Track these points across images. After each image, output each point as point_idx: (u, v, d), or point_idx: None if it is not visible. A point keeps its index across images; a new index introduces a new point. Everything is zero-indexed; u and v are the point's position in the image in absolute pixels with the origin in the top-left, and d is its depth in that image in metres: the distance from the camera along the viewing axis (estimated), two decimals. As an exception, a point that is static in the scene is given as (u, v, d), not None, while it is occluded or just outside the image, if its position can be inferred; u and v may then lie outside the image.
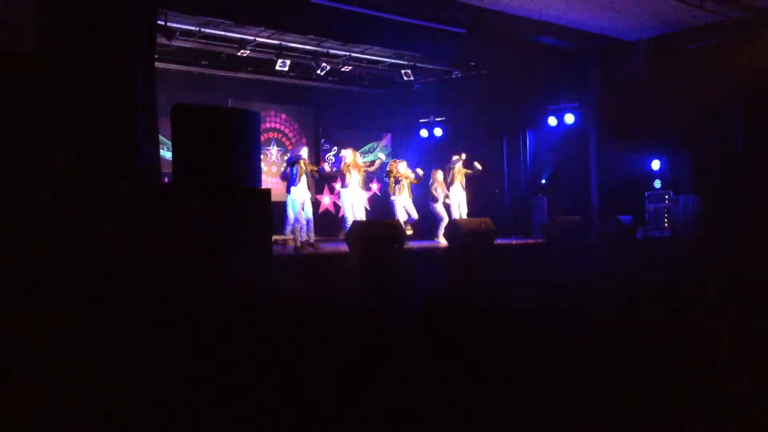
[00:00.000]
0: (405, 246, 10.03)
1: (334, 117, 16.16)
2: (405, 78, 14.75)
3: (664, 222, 13.13)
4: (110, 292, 5.26)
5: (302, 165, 10.52)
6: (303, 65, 14.08)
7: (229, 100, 14.08)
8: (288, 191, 10.45)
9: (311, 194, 10.61)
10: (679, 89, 12.38)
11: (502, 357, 3.61)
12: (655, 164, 13.62)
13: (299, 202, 10.40)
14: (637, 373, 3.25)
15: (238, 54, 13.03)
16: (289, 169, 10.56)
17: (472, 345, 3.95)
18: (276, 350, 3.82)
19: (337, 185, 14.17)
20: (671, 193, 13.17)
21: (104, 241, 6.35)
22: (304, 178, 10.49)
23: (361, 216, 11.30)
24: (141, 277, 5.87)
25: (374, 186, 16.39)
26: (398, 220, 11.07)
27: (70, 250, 6.08)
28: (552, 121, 14.62)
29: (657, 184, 13.58)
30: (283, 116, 15.48)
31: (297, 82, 15.23)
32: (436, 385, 3.10)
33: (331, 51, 13.72)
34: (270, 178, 14.58)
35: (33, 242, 5.90)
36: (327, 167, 12.48)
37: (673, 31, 12.67)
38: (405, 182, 11.97)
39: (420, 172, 12.33)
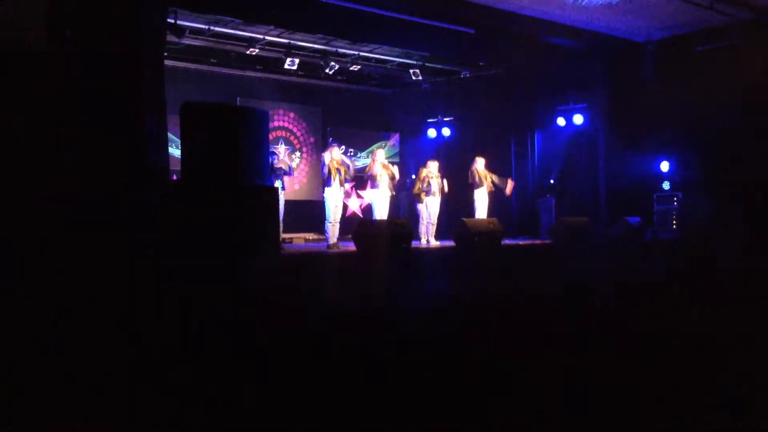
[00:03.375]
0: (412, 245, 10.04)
1: (342, 116, 16.17)
2: (413, 77, 14.74)
3: (673, 224, 13.08)
4: (115, 291, 5.28)
5: (333, 165, 10.73)
6: (311, 64, 14.09)
7: (238, 99, 14.11)
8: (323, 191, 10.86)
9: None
10: (689, 91, 12.33)
11: (510, 358, 3.61)
12: (664, 166, 13.57)
13: (332, 201, 10.66)
14: (644, 374, 3.25)
15: (247, 52, 13.05)
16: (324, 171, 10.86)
17: (477, 344, 3.95)
18: (281, 349, 3.83)
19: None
20: (680, 195, 13.12)
21: (114, 239, 6.37)
22: (338, 179, 10.71)
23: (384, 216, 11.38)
24: (148, 275, 5.89)
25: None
26: (407, 219, 11.09)
27: (79, 249, 6.10)
28: (560, 121, 14.59)
29: (666, 185, 13.52)
30: (291, 115, 15.49)
31: (305, 80, 15.24)
32: (441, 385, 3.10)
33: (340, 50, 13.73)
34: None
35: (40, 241, 5.92)
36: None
37: (682, 32, 12.62)
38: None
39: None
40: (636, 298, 5.68)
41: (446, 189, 12.26)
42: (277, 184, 10.63)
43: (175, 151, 11.37)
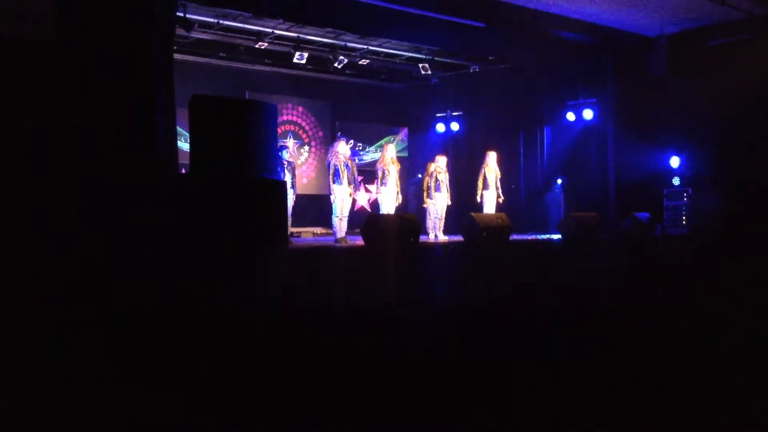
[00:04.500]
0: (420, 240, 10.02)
1: (350, 110, 16.15)
2: (422, 72, 14.70)
3: (683, 220, 13.01)
4: (123, 285, 5.28)
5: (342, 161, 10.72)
6: (320, 58, 14.08)
7: (247, 93, 14.11)
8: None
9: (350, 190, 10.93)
10: (700, 86, 12.26)
11: (519, 356, 3.59)
12: (674, 161, 13.50)
13: (340, 197, 10.67)
14: (650, 373, 3.22)
15: (256, 46, 13.05)
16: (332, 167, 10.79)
17: (483, 340, 3.93)
18: (286, 344, 3.82)
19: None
20: (690, 191, 13.05)
21: (121, 232, 6.38)
22: (346, 175, 10.68)
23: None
24: (155, 269, 5.89)
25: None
26: (414, 215, 11.06)
27: (87, 241, 6.11)
28: (570, 116, 14.53)
29: (676, 181, 13.45)
30: (300, 109, 15.48)
31: (314, 74, 15.22)
32: (444, 382, 3.08)
33: (349, 44, 13.70)
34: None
35: (48, 234, 5.93)
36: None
37: (693, 27, 12.54)
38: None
39: None
40: (641, 295, 5.66)
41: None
42: (287, 177, 10.62)
43: (183, 145, 11.40)
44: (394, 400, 2.79)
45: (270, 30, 12.67)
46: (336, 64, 13.77)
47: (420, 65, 14.57)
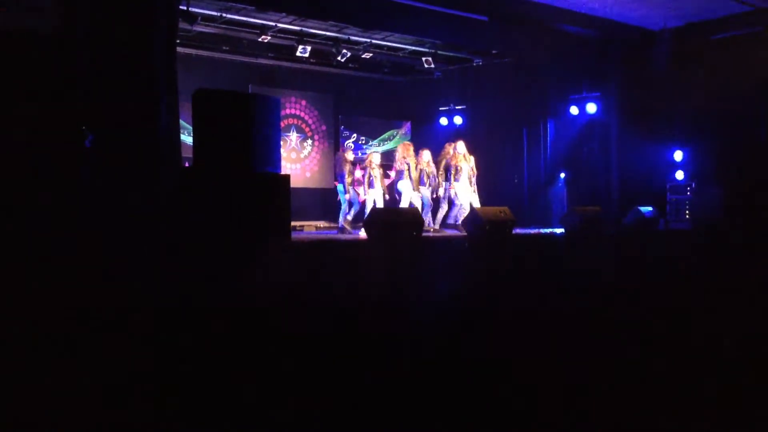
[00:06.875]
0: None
1: (353, 104, 16.14)
2: (426, 65, 14.68)
3: (686, 214, 12.99)
4: (125, 280, 5.29)
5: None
6: (323, 52, 14.06)
7: (250, 86, 14.10)
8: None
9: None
10: (704, 80, 12.23)
11: (521, 354, 3.59)
12: (678, 155, 13.47)
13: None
14: (653, 371, 3.23)
15: (259, 39, 13.03)
16: None
17: (484, 337, 3.94)
18: (292, 339, 3.83)
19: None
20: (693, 185, 13.02)
21: (122, 231, 6.39)
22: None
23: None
24: (158, 263, 5.90)
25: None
26: (416, 208, 11.09)
27: (88, 234, 6.13)
28: (573, 110, 14.50)
29: (679, 175, 13.43)
30: (303, 102, 15.47)
31: (317, 68, 15.22)
32: (451, 382, 3.08)
33: (352, 38, 13.68)
34: (289, 164, 14.60)
35: (49, 226, 5.94)
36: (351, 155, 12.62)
37: (698, 20, 12.50)
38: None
39: None
40: (644, 292, 5.66)
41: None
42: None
43: (187, 138, 11.39)
44: (393, 398, 2.80)
45: (273, 23, 12.65)
46: (339, 58, 13.75)
47: (423, 59, 14.55)
